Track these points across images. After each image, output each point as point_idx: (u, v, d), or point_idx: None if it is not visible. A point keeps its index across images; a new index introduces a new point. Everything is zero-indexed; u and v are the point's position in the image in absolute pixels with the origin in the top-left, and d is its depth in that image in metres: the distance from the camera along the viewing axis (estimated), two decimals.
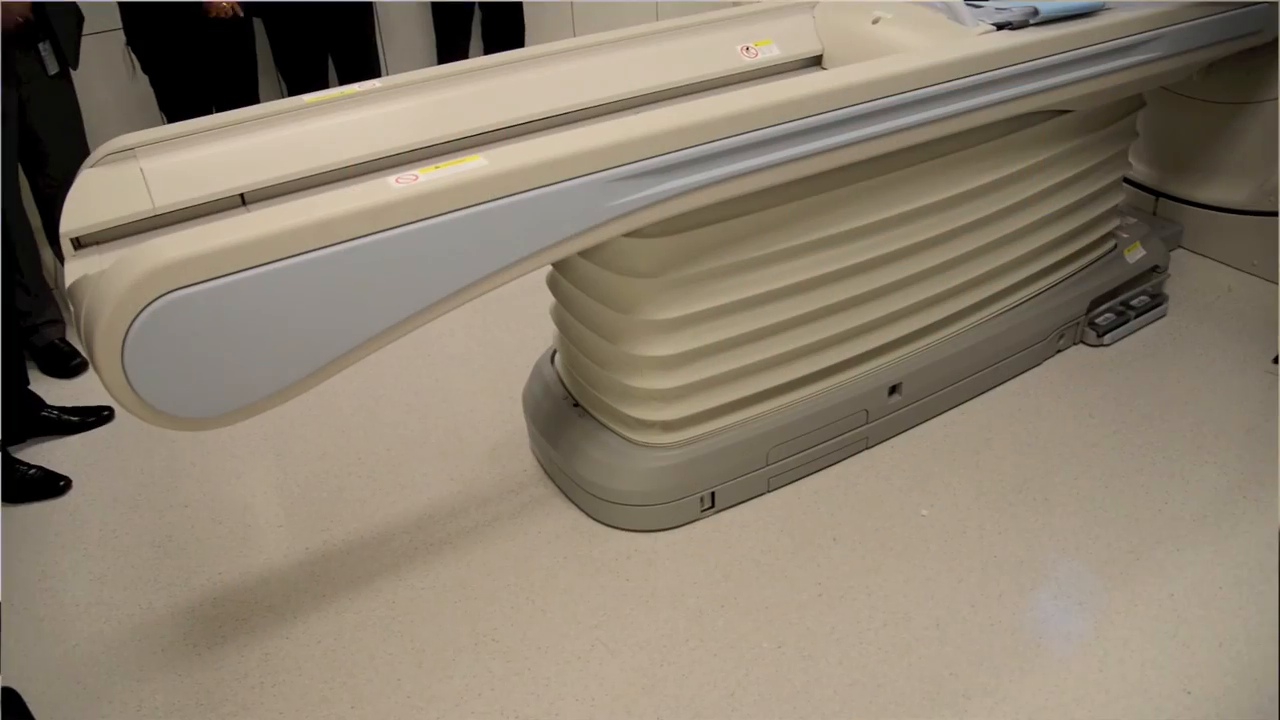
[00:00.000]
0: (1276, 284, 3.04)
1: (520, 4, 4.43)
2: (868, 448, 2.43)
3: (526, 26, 4.48)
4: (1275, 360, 2.75)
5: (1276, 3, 2.58)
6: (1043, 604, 2.02)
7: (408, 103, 2.06)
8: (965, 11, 2.15)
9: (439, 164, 1.63)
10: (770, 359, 2.16)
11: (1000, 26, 2.12)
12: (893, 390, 2.38)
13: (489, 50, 4.36)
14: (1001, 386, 2.64)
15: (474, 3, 4.34)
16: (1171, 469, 2.36)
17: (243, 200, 1.87)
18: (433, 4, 4.30)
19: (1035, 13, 2.12)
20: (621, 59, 2.26)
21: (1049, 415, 2.55)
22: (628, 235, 1.83)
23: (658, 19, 4.91)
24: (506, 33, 4.41)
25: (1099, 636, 1.94)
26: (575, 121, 2.15)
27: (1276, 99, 2.94)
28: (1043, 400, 2.60)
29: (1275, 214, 3.03)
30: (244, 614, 2.10)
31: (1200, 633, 1.94)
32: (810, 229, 2.07)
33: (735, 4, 2.57)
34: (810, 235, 2.08)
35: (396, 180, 1.57)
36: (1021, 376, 2.68)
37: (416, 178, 1.57)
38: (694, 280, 1.99)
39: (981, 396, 2.60)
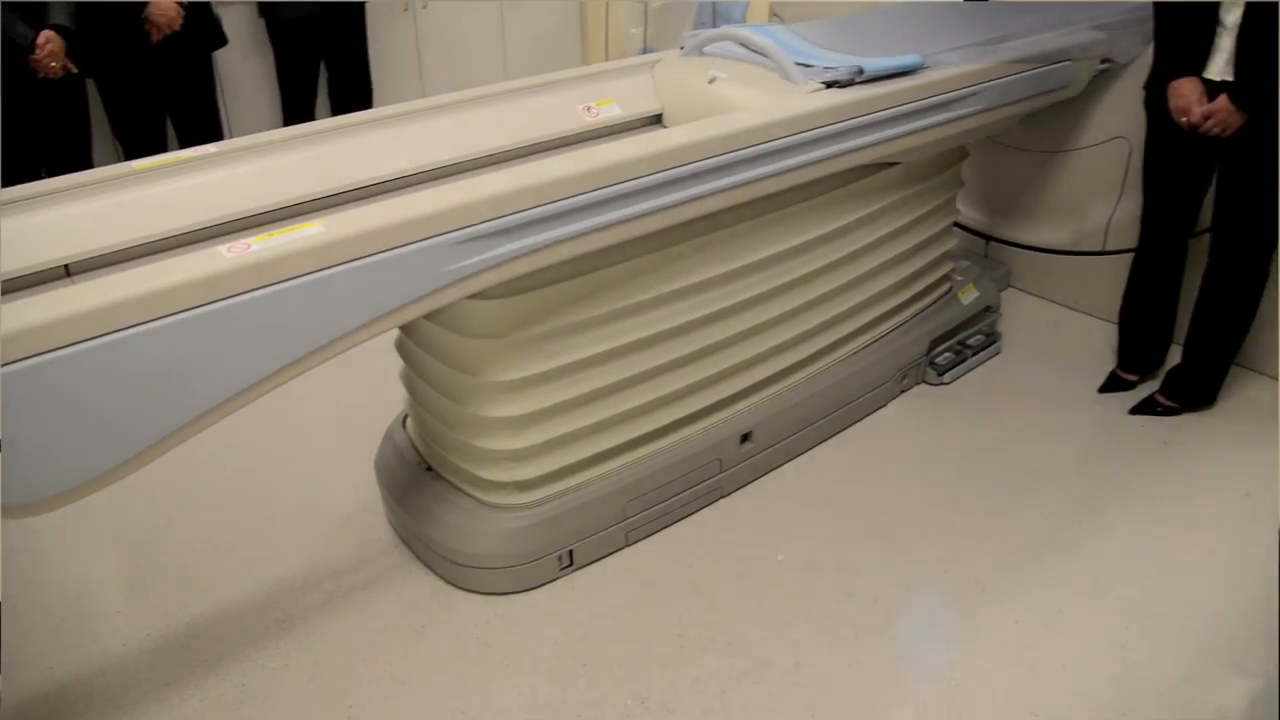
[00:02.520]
0: (1099, 319, 3.23)
1: (368, 63, 4.40)
2: (723, 496, 2.46)
3: (375, 86, 4.46)
4: (1100, 390, 2.91)
5: (1080, 60, 2.77)
6: (897, 639, 2.07)
7: (247, 167, 2.01)
8: (795, 71, 2.24)
9: (274, 231, 1.59)
10: (622, 414, 2.18)
11: (829, 85, 2.21)
12: (744, 438, 2.43)
13: (336, 110, 4.32)
14: (850, 428, 2.72)
15: (320, 61, 4.30)
16: (1011, 499, 2.47)
17: (67, 271, 1.79)
18: (278, 63, 4.24)
19: (860, 71, 2.22)
20: (467, 120, 2.26)
21: (896, 454, 2.64)
22: (472, 297, 1.83)
23: (506, 77, 4.96)
24: (354, 92, 4.37)
25: (950, 667, 2.00)
26: (420, 183, 2.14)
27: (1086, 148, 3.16)
28: (889, 440, 2.69)
29: (1095, 253, 3.24)
30: (78, 710, 1.97)
31: (1044, 656, 2.02)
32: (655, 284, 2.11)
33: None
34: (656, 290, 2.11)
35: (228, 249, 1.52)
36: (869, 418, 2.77)
37: (249, 246, 1.53)
38: (541, 339, 1.99)
39: (831, 439, 2.67)
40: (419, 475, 2.26)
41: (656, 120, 2.44)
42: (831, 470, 2.58)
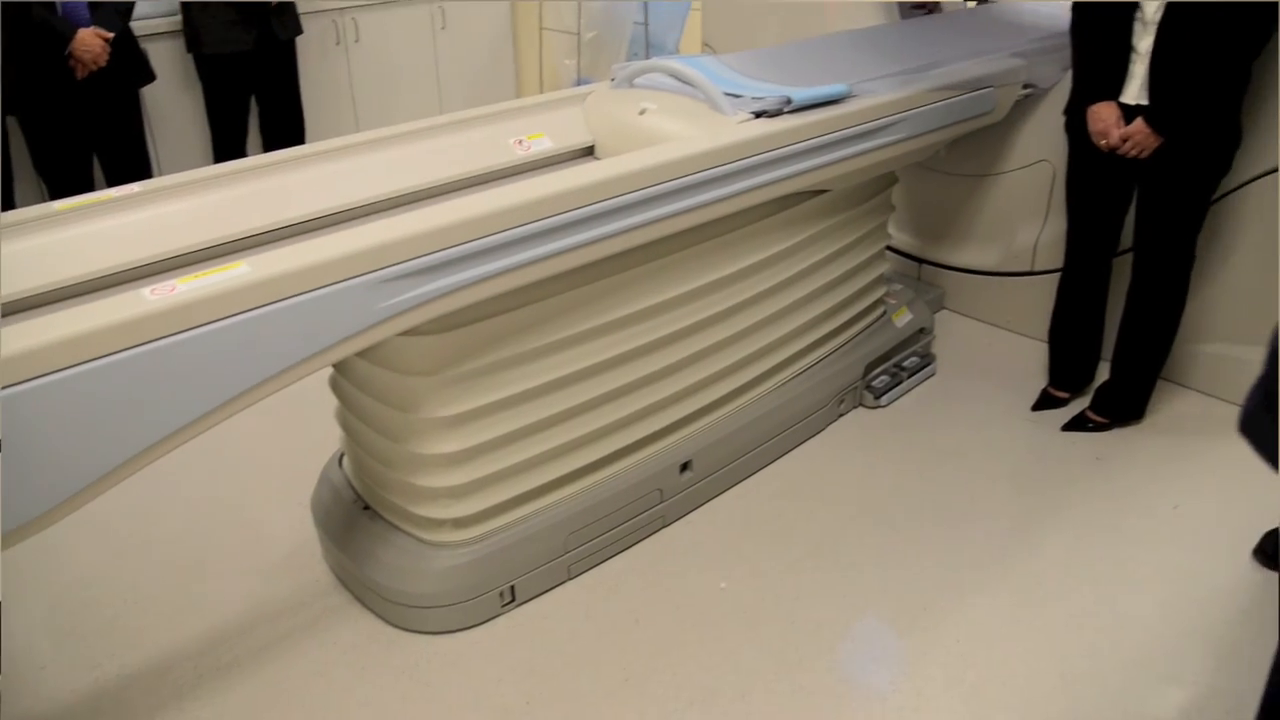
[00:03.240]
0: (1030, 338, 3.29)
1: (299, 98, 4.37)
2: (664, 526, 2.46)
3: (307, 121, 4.42)
4: (1033, 408, 2.97)
5: (1002, 87, 2.83)
6: (842, 664, 2.08)
7: (174, 206, 1.98)
8: (725, 101, 2.26)
9: (199, 272, 1.57)
10: (560, 446, 2.17)
11: (758, 115, 2.23)
12: (684, 467, 2.43)
13: (268, 146, 4.28)
14: (789, 454, 2.74)
15: (251, 96, 4.25)
16: (950, 519, 2.50)
17: None
18: (207, 99, 4.19)
19: (789, 101, 2.25)
20: (398, 155, 2.25)
21: (836, 478, 2.66)
22: (405, 334, 1.81)
23: (441, 110, 4.95)
24: (286, 128, 4.33)
25: (895, 690, 2.01)
26: (351, 220, 2.12)
27: (1011, 171, 3.23)
28: (829, 464, 2.71)
29: (1024, 274, 3.30)
30: None
31: (986, 674, 2.04)
32: (590, 316, 2.11)
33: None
34: (591, 322, 2.11)
35: (152, 292, 1.49)
36: (807, 443, 2.79)
37: (174, 288, 1.50)
38: (476, 374, 1.98)
39: (771, 465, 2.69)
40: (356, 514, 2.23)
41: (589, 152, 2.45)
42: (772, 496, 2.59)
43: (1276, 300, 2.73)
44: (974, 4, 4.02)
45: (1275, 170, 2.68)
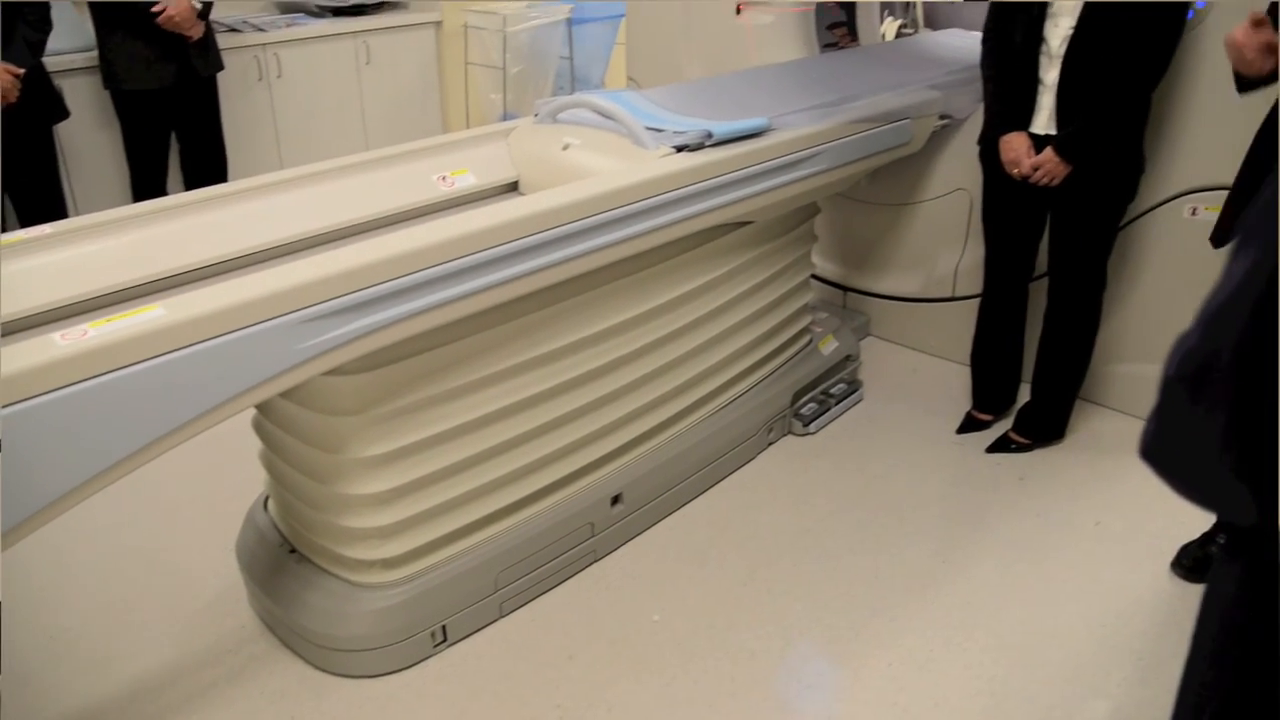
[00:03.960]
0: (954, 362, 3.36)
1: (221, 135, 4.31)
2: (596, 560, 2.45)
3: (229, 158, 4.36)
4: (958, 431, 3.02)
5: (919, 118, 2.91)
6: (776, 692, 2.08)
7: (89, 247, 1.93)
8: (646, 136, 2.29)
9: (112, 316, 1.54)
10: (490, 483, 2.15)
11: (679, 149, 2.26)
12: (615, 500, 2.43)
13: (189, 184, 4.21)
14: (720, 484, 2.75)
15: (171, 133, 4.19)
16: (879, 543, 2.53)
17: None
18: (125, 136, 4.11)
19: (709, 135, 2.28)
20: (321, 192, 2.23)
21: (766, 506, 2.68)
22: (329, 373, 1.79)
23: (367, 146, 4.93)
24: (207, 165, 4.27)
25: (830, 716, 2.02)
26: (273, 259, 2.09)
27: (930, 200, 3.31)
28: (759, 493, 2.73)
29: (945, 300, 3.37)
30: None
31: (918, 697, 2.06)
32: (517, 351, 2.11)
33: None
34: (518, 357, 2.11)
35: (63, 336, 1.46)
36: (738, 472, 2.81)
37: (85, 333, 1.47)
38: (402, 412, 1.96)
39: (702, 496, 2.70)
40: (282, 558, 2.19)
41: (513, 188, 2.46)
42: (704, 527, 2.60)
43: (1186, 320, 2.82)
44: (891, 37, 4.12)
45: (1179, 196, 2.78)
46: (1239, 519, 0.76)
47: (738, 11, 3.66)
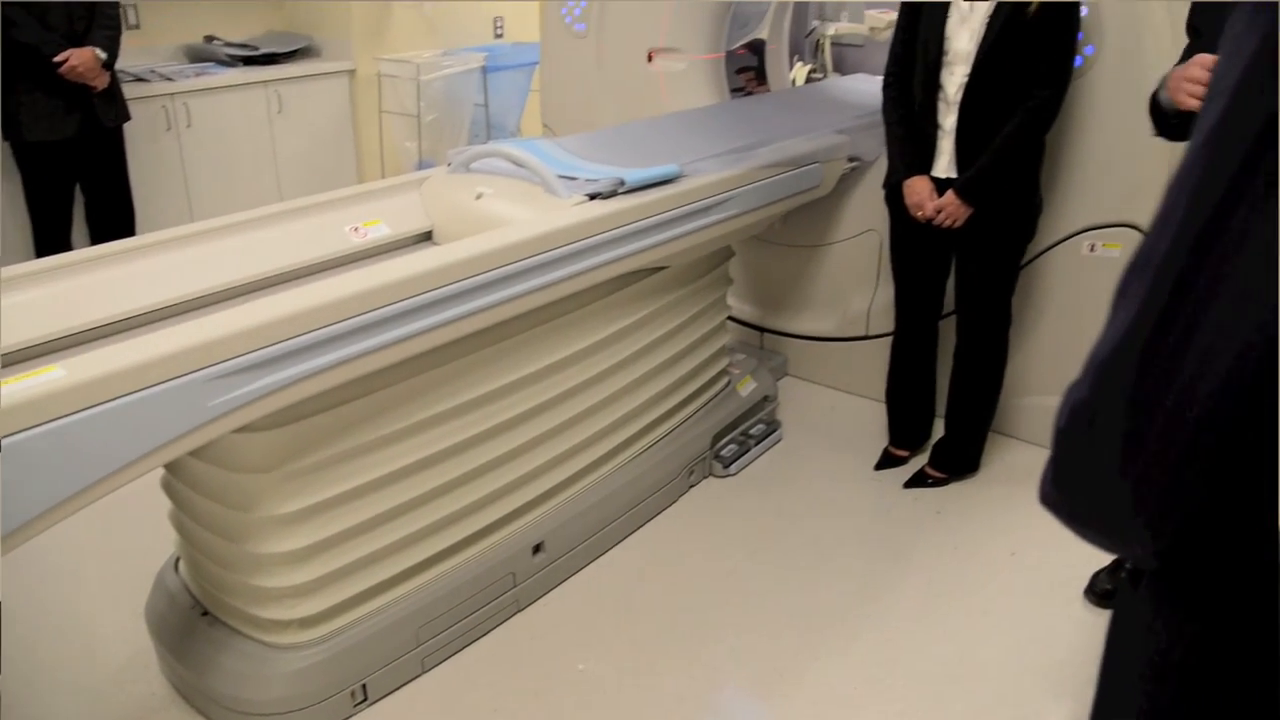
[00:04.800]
0: (870, 399, 3.42)
1: (128, 187, 4.22)
2: (519, 610, 2.42)
3: (137, 210, 4.27)
4: (876, 468, 3.07)
5: (828, 162, 2.98)
6: None
7: None
8: (559, 184, 2.30)
9: (8, 378, 1.49)
10: (408, 536, 2.13)
11: (592, 197, 2.28)
12: (537, 549, 2.41)
13: (95, 238, 4.11)
14: (642, 529, 2.75)
15: (75, 185, 4.09)
16: (801, 583, 2.55)
17: None
18: (26, 188, 4.00)
19: (622, 183, 2.31)
20: (230, 245, 2.20)
21: (689, 550, 2.68)
22: (239, 430, 1.76)
23: (280, 196, 4.87)
24: (114, 218, 4.17)
25: None
26: (180, 314, 2.05)
27: (842, 241, 3.38)
28: (682, 536, 2.74)
29: (860, 338, 3.44)
30: None
31: None
32: (434, 401, 2.09)
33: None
34: (435, 408, 2.09)
35: None
36: (660, 516, 2.81)
37: None
38: (316, 468, 1.93)
39: (625, 541, 2.69)
40: (194, 621, 2.12)
41: (427, 238, 2.45)
42: (627, 573, 2.59)
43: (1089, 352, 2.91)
44: (801, 81, 4.23)
45: (1077, 234, 2.88)
46: (1140, 562, 0.79)
47: (649, 59, 3.72)
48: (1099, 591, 2.46)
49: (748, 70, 4.04)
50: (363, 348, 1.80)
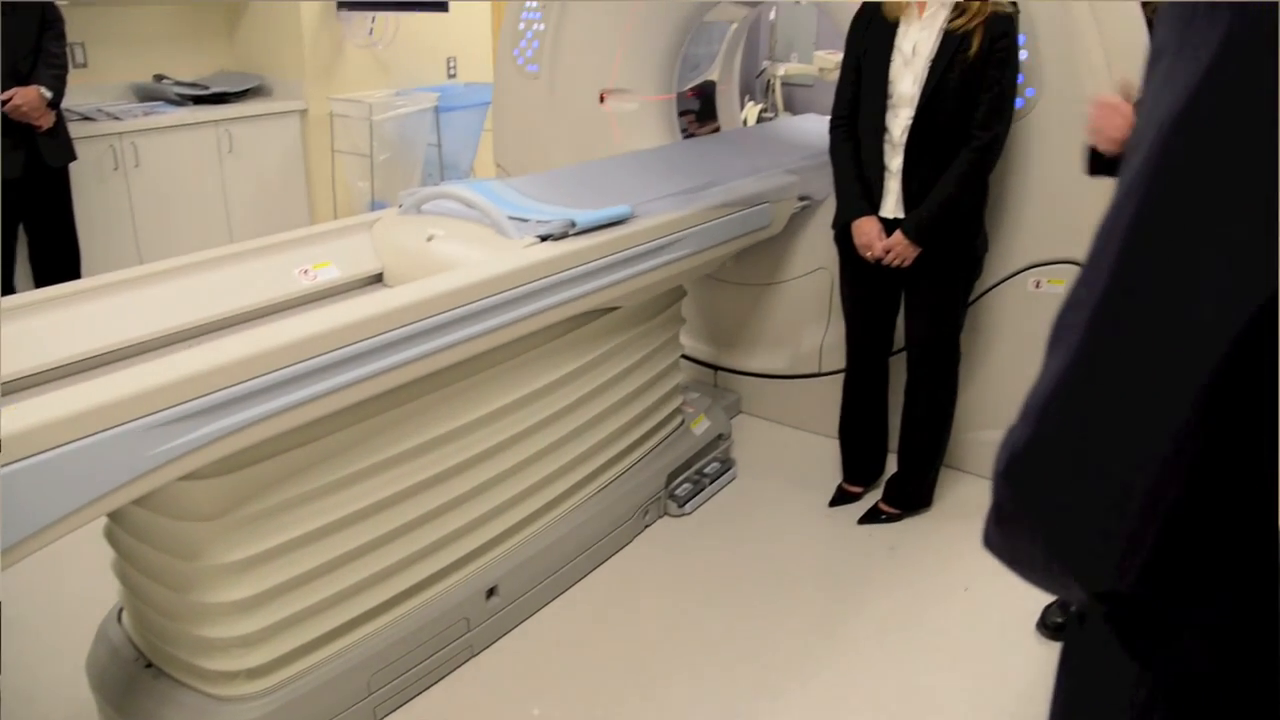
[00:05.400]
0: (824, 436, 3.44)
1: (74, 228, 4.16)
2: (473, 656, 2.39)
3: (83, 252, 4.20)
4: (830, 504, 3.09)
5: (778, 202, 3.01)
6: None
7: None
8: (510, 226, 2.30)
9: None
10: (359, 582, 2.09)
11: (544, 238, 2.28)
12: (491, 593, 2.39)
13: (39, 281, 4.04)
14: (598, 570, 2.73)
15: (18, 226, 4.02)
16: (758, 623, 2.54)
17: None
18: None
19: (573, 224, 2.32)
20: (177, 288, 2.17)
21: (645, 591, 2.67)
22: (184, 478, 1.73)
23: (231, 237, 4.83)
24: (59, 261, 4.10)
25: None
26: (126, 359, 2.01)
27: (793, 279, 3.41)
28: (638, 577, 2.72)
29: (812, 376, 3.46)
30: None
31: None
32: (384, 445, 2.07)
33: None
34: (385, 451, 2.07)
35: None
36: (615, 557, 2.79)
37: None
38: (263, 515, 1.90)
39: (580, 584, 2.67)
40: (138, 674, 2.06)
41: (378, 280, 2.44)
42: (582, 615, 2.57)
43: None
44: (753, 121, 4.28)
45: (1023, 270, 2.94)
46: (1074, 602, 0.80)
47: (601, 100, 3.75)
48: (1050, 625, 2.48)
49: (687, 113, 4.08)
50: (311, 393, 1.78)
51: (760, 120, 4.37)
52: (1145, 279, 0.61)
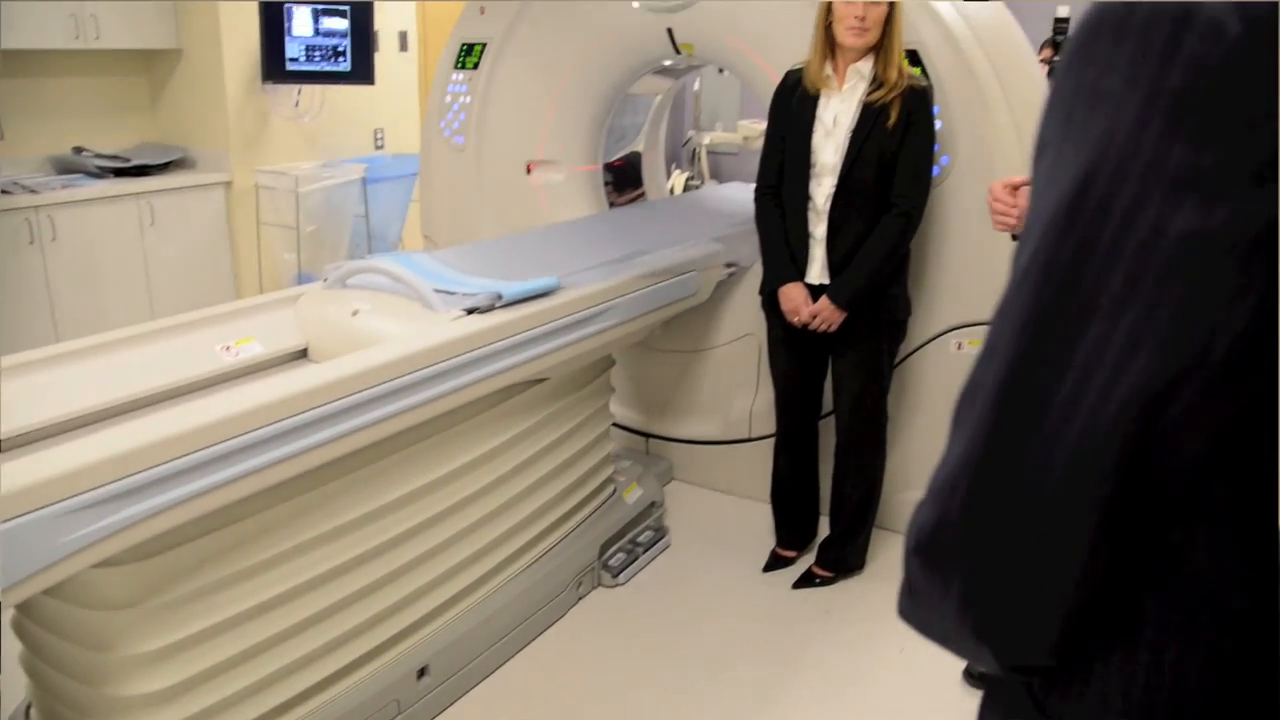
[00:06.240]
0: (756, 500, 3.44)
1: None
2: None
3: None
4: (765, 569, 3.08)
5: (705, 270, 3.05)
6: None
7: None
8: (436, 299, 2.30)
9: None
10: (284, 668, 2.03)
11: (470, 311, 2.28)
12: (422, 673, 2.33)
13: None
14: (531, 644, 2.68)
15: None
16: (693, 694, 2.51)
17: None
18: None
19: (499, 297, 2.31)
20: (94, 367, 2.11)
21: (580, 665, 2.63)
22: (97, 565, 1.66)
23: (153, 313, 4.73)
24: None
25: None
26: (36, 442, 1.95)
27: (722, 346, 3.44)
28: (573, 651, 2.68)
29: (743, 441, 3.48)
30: None
31: None
32: (308, 525, 2.02)
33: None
34: (309, 532, 2.02)
35: None
36: (549, 631, 2.74)
37: None
38: (181, 601, 1.83)
39: (514, 659, 2.62)
40: None
41: (302, 355, 2.40)
42: (516, 694, 2.51)
43: None
44: (680, 190, 4.35)
45: (945, 332, 3.00)
46: (991, 671, 0.80)
47: (528, 170, 3.78)
48: (975, 674, 2.49)
49: (608, 184, 4.12)
50: (232, 474, 1.74)
51: (687, 188, 4.43)
52: (1038, 367, 0.62)
